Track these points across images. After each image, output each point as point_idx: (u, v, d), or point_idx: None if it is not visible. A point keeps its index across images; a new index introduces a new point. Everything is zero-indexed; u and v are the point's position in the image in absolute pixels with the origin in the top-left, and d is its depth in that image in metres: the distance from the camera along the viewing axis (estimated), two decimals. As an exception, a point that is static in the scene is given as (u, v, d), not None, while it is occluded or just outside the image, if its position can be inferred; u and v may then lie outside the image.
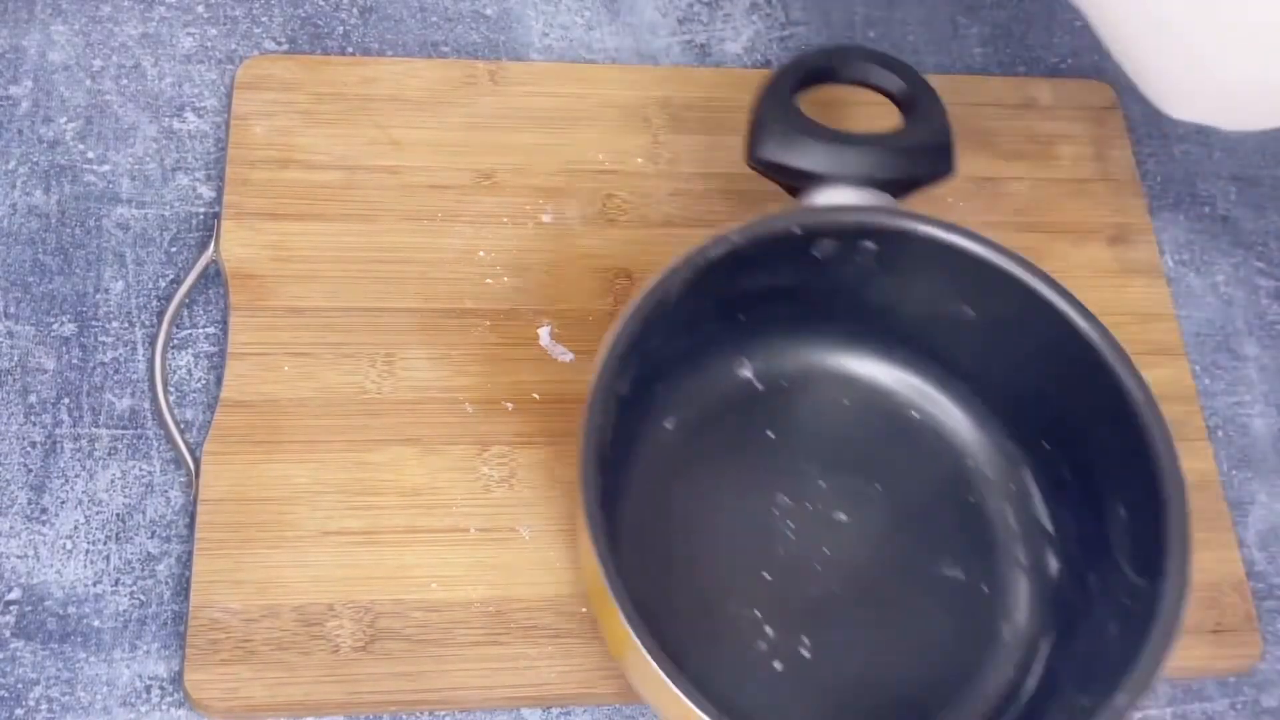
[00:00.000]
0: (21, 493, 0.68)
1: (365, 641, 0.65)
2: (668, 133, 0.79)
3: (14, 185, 0.75)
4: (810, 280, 0.68)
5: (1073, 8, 0.91)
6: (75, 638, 0.65)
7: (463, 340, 0.72)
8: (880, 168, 0.68)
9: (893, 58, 0.71)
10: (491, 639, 0.66)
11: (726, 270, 0.65)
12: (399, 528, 0.68)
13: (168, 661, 0.65)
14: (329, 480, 0.68)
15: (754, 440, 0.70)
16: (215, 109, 0.78)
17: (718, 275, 0.64)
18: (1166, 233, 0.84)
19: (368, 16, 0.83)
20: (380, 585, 0.66)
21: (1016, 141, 0.83)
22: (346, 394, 0.70)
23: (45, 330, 0.72)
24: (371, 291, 0.73)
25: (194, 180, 0.76)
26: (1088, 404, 0.65)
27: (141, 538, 0.68)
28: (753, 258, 0.65)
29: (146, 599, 0.67)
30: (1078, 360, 0.65)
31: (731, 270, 0.65)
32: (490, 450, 0.70)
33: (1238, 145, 0.88)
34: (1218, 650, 0.71)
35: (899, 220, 0.66)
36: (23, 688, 0.64)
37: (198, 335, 0.73)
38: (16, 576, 0.66)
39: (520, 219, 0.76)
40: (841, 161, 0.67)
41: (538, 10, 0.85)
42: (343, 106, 0.78)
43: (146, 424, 0.70)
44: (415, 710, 0.66)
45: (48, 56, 0.79)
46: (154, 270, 0.74)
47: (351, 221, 0.75)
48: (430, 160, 0.77)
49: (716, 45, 0.84)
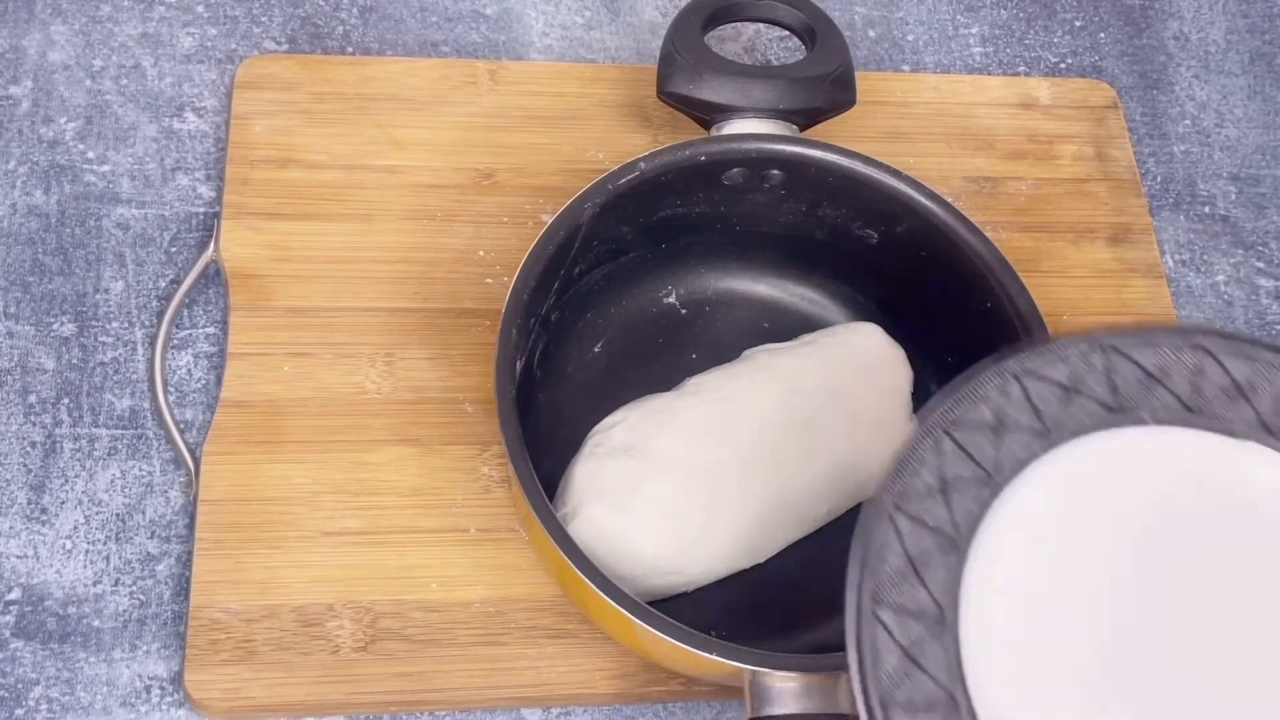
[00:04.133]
0: (21, 493, 0.68)
1: (365, 642, 0.65)
2: (668, 132, 0.79)
3: (14, 185, 0.75)
4: (725, 208, 0.73)
5: (1073, 7, 0.91)
6: (75, 638, 0.65)
7: (462, 340, 0.72)
8: (784, 99, 0.72)
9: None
10: (491, 639, 0.66)
11: (638, 198, 0.69)
12: (399, 528, 0.68)
13: (168, 662, 0.65)
14: (329, 480, 0.68)
15: (677, 360, 0.73)
16: (215, 109, 0.78)
17: (630, 203, 0.69)
18: (1167, 232, 0.84)
19: (367, 16, 0.83)
20: (380, 585, 0.66)
21: (1016, 141, 0.83)
22: (346, 394, 0.70)
23: (45, 330, 0.72)
24: (371, 291, 0.73)
25: (194, 180, 0.76)
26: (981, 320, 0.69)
27: (141, 538, 0.68)
28: (664, 185, 0.70)
29: (146, 599, 0.67)
30: (966, 273, 0.69)
31: (644, 198, 0.70)
32: (490, 450, 0.70)
33: (1238, 145, 0.88)
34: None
35: (799, 147, 0.71)
36: (23, 688, 0.64)
37: (197, 335, 0.73)
38: (16, 576, 0.66)
39: (520, 219, 0.76)
40: (745, 93, 0.71)
41: (537, 10, 0.85)
42: (342, 106, 0.78)
43: (146, 424, 0.70)
44: (415, 710, 0.66)
45: (48, 56, 0.79)
46: (154, 270, 0.74)
47: (351, 221, 0.75)
48: (430, 160, 0.77)
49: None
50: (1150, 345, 0.55)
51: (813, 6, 0.76)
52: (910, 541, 0.50)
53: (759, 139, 0.71)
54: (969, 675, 0.49)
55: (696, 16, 0.74)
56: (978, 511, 0.51)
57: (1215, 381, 0.54)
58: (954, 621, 0.49)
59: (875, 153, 0.72)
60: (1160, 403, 0.54)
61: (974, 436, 0.52)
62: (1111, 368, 0.54)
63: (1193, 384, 0.54)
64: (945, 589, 0.50)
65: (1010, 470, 0.52)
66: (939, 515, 0.51)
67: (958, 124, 0.83)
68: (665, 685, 0.66)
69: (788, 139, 0.72)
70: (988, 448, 0.52)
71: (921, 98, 0.84)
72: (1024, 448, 0.53)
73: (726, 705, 0.68)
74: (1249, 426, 0.54)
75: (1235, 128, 0.89)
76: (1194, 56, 0.91)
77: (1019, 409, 0.53)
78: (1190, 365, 0.54)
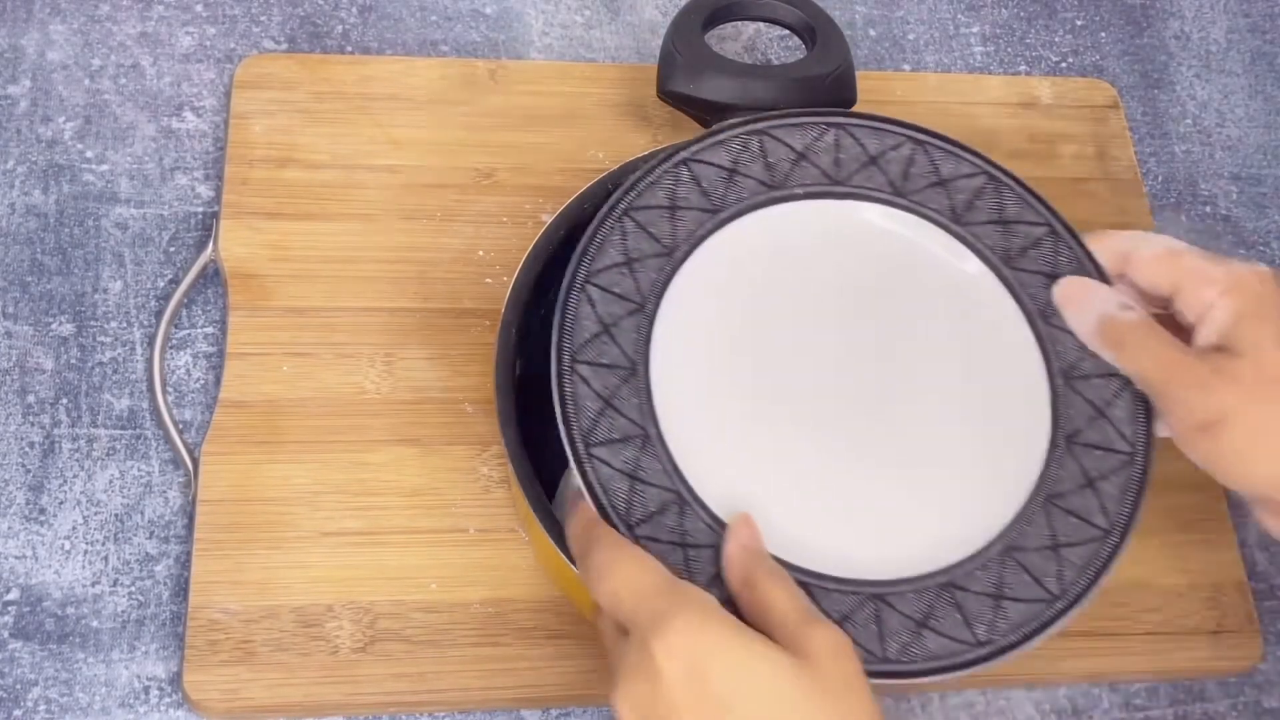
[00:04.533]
0: (20, 493, 0.68)
1: (365, 642, 0.65)
2: (668, 131, 0.79)
3: (12, 185, 0.75)
4: None
5: (1074, 6, 0.91)
6: (74, 638, 0.65)
7: (462, 340, 0.72)
8: (784, 98, 0.70)
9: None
10: (491, 640, 0.66)
11: None
12: (398, 528, 0.67)
13: (166, 662, 0.65)
14: (328, 481, 0.68)
15: None
16: (214, 108, 0.78)
17: None
18: (1168, 232, 0.83)
19: (367, 15, 0.83)
20: (380, 586, 0.66)
21: (1017, 141, 0.83)
22: (346, 394, 0.70)
23: (44, 330, 0.71)
24: (371, 291, 0.73)
25: (193, 180, 0.76)
26: None
27: (140, 538, 0.68)
28: None
29: (145, 599, 0.66)
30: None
31: None
32: (490, 450, 0.70)
33: (1239, 145, 0.88)
34: (1218, 650, 0.71)
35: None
36: (21, 688, 0.64)
37: (196, 335, 0.72)
38: (15, 577, 0.66)
39: (520, 219, 0.76)
40: (745, 92, 0.70)
41: (537, 9, 0.85)
42: (342, 105, 0.77)
43: (145, 424, 0.70)
44: (414, 711, 0.65)
45: (46, 56, 0.79)
46: (152, 270, 0.74)
47: (351, 221, 0.75)
48: (430, 159, 0.77)
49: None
50: (798, 128, 0.66)
51: (813, 6, 0.75)
52: (602, 308, 0.60)
53: None
54: (659, 413, 0.58)
55: (696, 15, 0.74)
56: (661, 280, 0.61)
57: (853, 151, 0.66)
58: (644, 372, 0.59)
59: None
60: (808, 176, 0.65)
61: (653, 217, 0.62)
62: (765, 150, 0.65)
63: (834, 156, 0.65)
64: (635, 346, 0.59)
65: (686, 244, 0.62)
66: (626, 285, 0.60)
67: (958, 123, 0.83)
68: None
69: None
70: (665, 226, 0.62)
71: (922, 97, 0.84)
72: (696, 224, 0.63)
73: (727, 706, 0.68)
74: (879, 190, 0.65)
75: (1236, 127, 0.89)
76: (1195, 56, 0.91)
77: (689, 190, 0.63)
78: (830, 143, 0.66)
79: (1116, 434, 0.61)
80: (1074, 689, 0.70)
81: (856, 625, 0.56)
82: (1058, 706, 0.70)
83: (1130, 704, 0.70)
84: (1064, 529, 0.59)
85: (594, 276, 0.60)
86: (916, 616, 0.57)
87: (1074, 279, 0.63)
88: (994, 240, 0.65)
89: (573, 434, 0.57)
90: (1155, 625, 0.71)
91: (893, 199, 0.65)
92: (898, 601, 0.57)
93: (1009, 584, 0.58)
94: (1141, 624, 0.70)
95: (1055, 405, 0.62)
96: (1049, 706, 0.70)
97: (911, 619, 0.57)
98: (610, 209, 0.62)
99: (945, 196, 0.65)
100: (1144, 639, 0.70)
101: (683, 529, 0.56)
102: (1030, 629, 0.57)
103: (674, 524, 0.56)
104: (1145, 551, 0.72)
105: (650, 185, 0.63)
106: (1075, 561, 0.59)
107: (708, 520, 0.57)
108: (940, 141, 0.66)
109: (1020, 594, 0.58)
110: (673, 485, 0.57)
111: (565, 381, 0.58)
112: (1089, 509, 0.60)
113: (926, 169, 0.66)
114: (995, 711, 0.69)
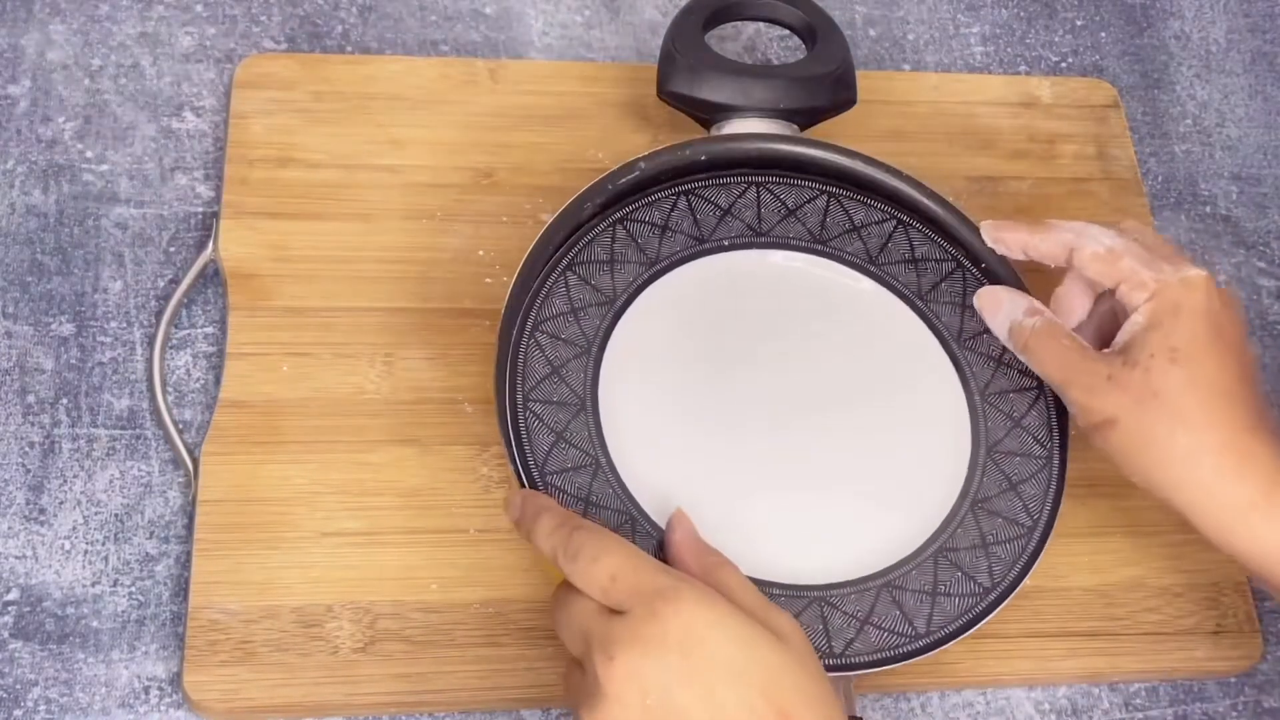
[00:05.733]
0: (20, 493, 0.68)
1: (364, 643, 0.65)
2: (667, 131, 0.79)
3: (12, 185, 0.75)
4: None
5: (1074, 6, 0.91)
6: (74, 638, 0.65)
7: (462, 340, 0.72)
8: (784, 98, 0.72)
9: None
10: (491, 640, 0.66)
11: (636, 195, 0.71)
12: (398, 528, 0.67)
13: (166, 662, 0.65)
14: (328, 481, 0.68)
15: None
16: (214, 108, 0.78)
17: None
18: (1168, 232, 0.84)
19: (367, 15, 0.83)
20: (379, 586, 0.66)
21: (1017, 140, 0.83)
22: (346, 394, 0.70)
23: (44, 330, 0.71)
24: (370, 291, 0.73)
25: (192, 180, 0.76)
26: None
27: (140, 538, 0.68)
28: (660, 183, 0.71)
29: (145, 600, 0.66)
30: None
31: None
32: (490, 450, 0.70)
33: (1239, 145, 0.88)
34: (1218, 650, 0.71)
35: (799, 147, 0.71)
36: (21, 689, 0.64)
37: (196, 335, 0.72)
38: (15, 577, 0.66)
39: (520, 218, 0.76)
40: (746, 93, 0.71)
41: (537, 9, 0.85)
42: (342, 105, 0.77)
43: (145, 424, 0.70)
44: (414, 711, 0.65)
45: (46, 56, 0.79)
46: (152, 270, 0.74)
47: (351, 221, 0.75)
48: (430, 159, 0.77)
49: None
50: (722, 187, 0.71)
51: (813, 5, 0.76)
52: (550, 352, 0.65)
53: (760, 139, 0.71)
54: (608, 442, 0.64)
55: (697, 16, 0.74)
56: (604, 326, 0.66)
57: (773, 205, 0.71)
58: (593, 407, 0.64)
59: (876, 152, 0.72)
60: (734, 229, 0.70)
61: (594, 270, 0.68)
62: (693, 208, 0.70)
63: (756, 211, 0.71)
64: (583, 385, 0.65)
65: (625, 294, 0.68)
66: (573, 331, 0.66)
67: (959, 123, 0.83)
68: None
69: (788, 139, 0.71)
70: (605, 278, 0.68)
71: (922, 97, 0.84)
72: (634, 275, 0.68)
73: (727, 706, 0.68)
74: (800, 239, 0.71)
75: (1236, 127, 0.88)
76: (1195, 56, 0.91)
77: (625, 246, 0.68)
78: (751, 199, 0.71)
79: (1033, 440, 0.67)
80: (1074, 689, 0.70)
81: (805, 625, 0.60)
82: (1057, 706, 0.70)
83: (1130, 704, 0.70)
84: (991, 529, 0.65)
85: (542, 324, 0.66)
86: (859, 615, 0.62)
87: (985, 290, 0.69)
88: (908, 277, 0.70)
89: (528, 464, 0.62)
90: (1155, 625, 0.71)
91: (812, 246, 0.70)
92: (841, 602, 0.63)
93: (943, 581, 0.64)
94: (1141, 624, 0.70)
95: (975, 419, 0.68)
96: (1049, 706, 0.70)
97: (855, 618, 0.62)
98: (554, 264, 0.67)
99: (860, 241, 0.71)
100: (1143, 639, 0.70)
101: (636, 545, 0.58)
102: (966, 620, 0.63)
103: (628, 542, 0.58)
104: (1145, 552, 0.72)
105: (590, 242, 0.68)
106: (1004, 557, 0.65)
107: (659, 539, 0.61)
108: (852, 190, 0.71)
109: (954, 589, 0.64)
110: (624, 507, 0.62)
111: (520, 418, 0.63)
112: (1013, 509, 0.66)
113: (840, 218, 0.71)
114: (995, 711, 0.69)
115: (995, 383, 0.68)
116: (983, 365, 0.69)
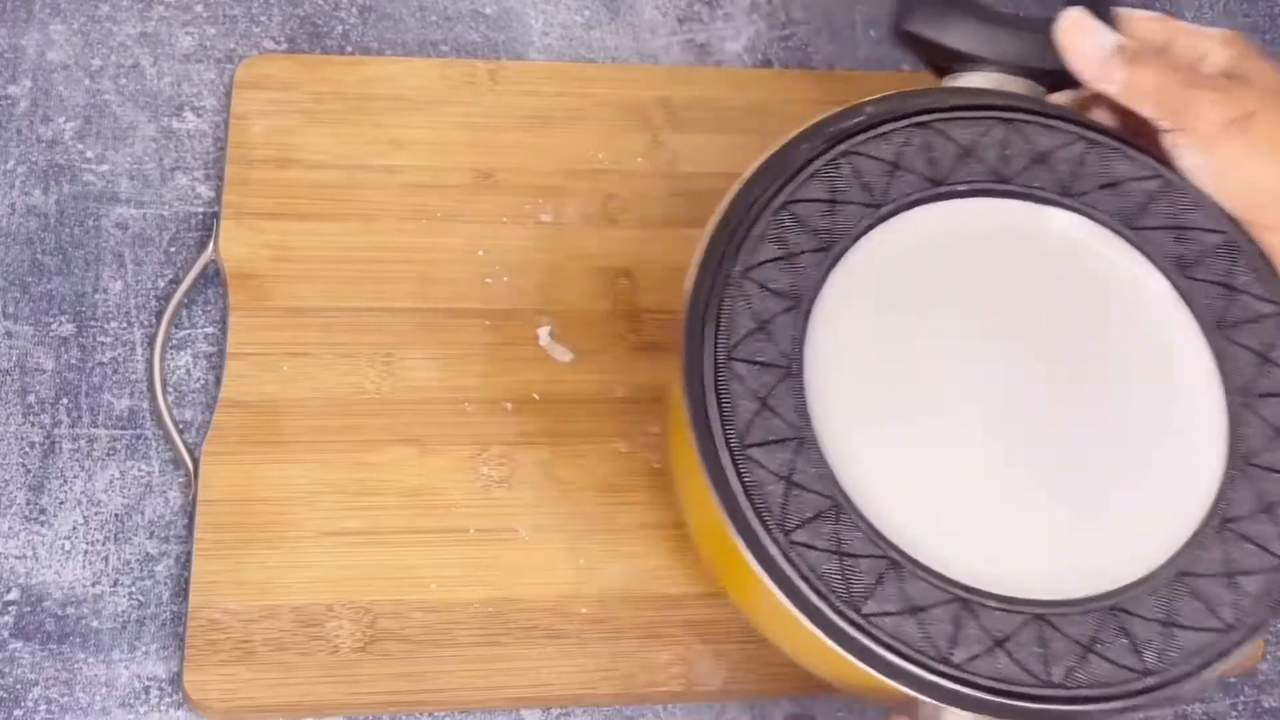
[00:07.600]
0: (20, 493, 0.68)
1: (364, 642, 0.65)
2: (668, 132, 0.79)
3: (12, 185, 0.75)
4: None
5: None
6: (74, 638, 0.65)
7: (462, 340, 0.72)
8: (1035, 55, 0.63)
9: None
10: (491, 640, 0.66)
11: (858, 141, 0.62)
12: (398, 528, 0.68)
13: (166, 662, 0.65)
14: (328, 480, 0.68)
15: None
16: (214, 108, 0.78)
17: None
18: (1167, 232, 0.84)
19: (367, 16, 0.83)
20: (380, 586, 0.66)
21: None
22: (346, 394, 0.70)
23: (44, 330, 0.72)
24: (371, 291, 0.73)
25: (193, 180, 0.76)
26: None
27: (140, 538, 0.68)
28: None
29: (145, 599, 0.66)
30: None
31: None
32: (490, 450, 0.70)
33: (1239, 145, 0.88)
34: (1219, 651, 0.70)
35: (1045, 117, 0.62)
36: (21, 689, 0.64)
37: (196, 335, 0.72)
38: (15, 577, 0.66)
39: (520, 219, 0.76)
40: (993, 43, 0.63)
41: (537, 9, 0.85)
42: (342, 106, 0.77)
43: (145, 424, 0.70)
44: (414, 711, 0.65)
45: (46, 56, 0.79)
46: (153, 270, 0.74)
47: (351, 221, 0.75)
48: (430, 160, 0.77)
49: (717, 44, 0.84)
50: (964, 122, 0.62)
51: None
52: (758, 304, 0.57)
53: (1003, 97, 0.63)
54: (814, 415, 0.56)
55: None
56: (819, 276, 0.58)
57: (1020, 151, 0.61)
58: (799, 371, 0.56)
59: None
60: (973, 173, 0.61)
61: (812, 211, 0.59)
62: (929, 145, 0.61)
63: (1001, 155, 0.61)
64: (791, 344, 0.57)
65: (845, 239, 0.59)
66: (783, 281, 0.58)
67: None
68: (665, 686, 0.66)
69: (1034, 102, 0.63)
70: (824, 221, 0.59)
71: (922, 97, 0.83)
72: (856, 218, 0.59)
73: (726, 706, 0.68)
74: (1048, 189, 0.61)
75: (1236, 127, 0.88)
76: (1195, 56, 0.91)
77: (849, 184, 0.60)
78: (997, 139, 0.62)
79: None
80: (1074, 689, 0.70)
81: (1020, 646, 0.53)
82: (1057, 706, 0.70)
83: (1130, 704, 0.70)
84: (1240, 556, 0.56)
85: (750, 271, 0.58)
86: (1082, 640, 0.54)
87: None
88: (1168, 247, 0.61)
89: (728, 433, 0.55)
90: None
91: (1061, 199, 0.61)
92: (1062, 623, 0.54)
93: (1180, 611, 0.55)
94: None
95: (1231, 424, 0.58)
96: (1049, 706, 0.69)
97: (1077, 642, 0.54)
98: (768, 201, 0.59)
99: (1117, 199, 0.61)
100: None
101: (839, 537, 0.53)
102: (1203, 659, 0.54)
103: (830, 532, 0.54)
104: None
105: (809, 178, 0.59)
106: (1251, 590, 0.55)
107: (864, 529, 0.54)
108: (1114, 141, 0.62)
109: (1192, 622, 0.55)
110: (828, 491, 0.55)
111: (720, 379, 0.55)
112: (1266, 535, 0.56)
113: (1097, 169, 0.61)
114: (995, 711, 0.69)
115: (1259, 383, 0.59)
116: (1246, 361, 0.59)
